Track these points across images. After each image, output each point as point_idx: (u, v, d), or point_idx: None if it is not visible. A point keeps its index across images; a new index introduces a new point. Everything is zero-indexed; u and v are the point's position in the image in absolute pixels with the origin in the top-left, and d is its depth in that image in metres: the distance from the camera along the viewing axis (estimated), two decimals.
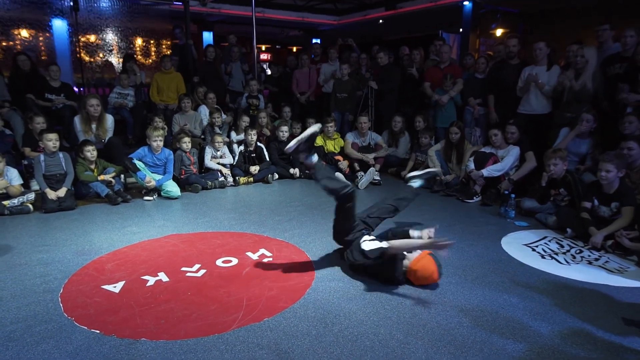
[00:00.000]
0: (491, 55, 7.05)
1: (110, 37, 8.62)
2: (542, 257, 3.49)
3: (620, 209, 3.63)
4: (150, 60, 9.89)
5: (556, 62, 5.59)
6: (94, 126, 5.40)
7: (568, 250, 3.63)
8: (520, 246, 3.71)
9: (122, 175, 5.40)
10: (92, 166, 5.01)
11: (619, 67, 4.85)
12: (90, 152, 4.96)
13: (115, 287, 2.88)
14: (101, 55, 8.74)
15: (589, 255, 3.52)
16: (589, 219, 3.78)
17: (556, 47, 5.77)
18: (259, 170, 5.97)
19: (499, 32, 10.03)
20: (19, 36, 8.32)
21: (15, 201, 4.45)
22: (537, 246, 3.72)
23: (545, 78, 5.23)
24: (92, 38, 8.62)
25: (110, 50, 8.79)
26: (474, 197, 5.04)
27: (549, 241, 3.85)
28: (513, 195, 4.50)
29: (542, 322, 2.50)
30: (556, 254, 3.55)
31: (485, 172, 4.97)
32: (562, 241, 3.85)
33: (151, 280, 2.97)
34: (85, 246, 3.59)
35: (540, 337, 2.35)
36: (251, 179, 5.92)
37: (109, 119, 5.59)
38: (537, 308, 2.66)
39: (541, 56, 5.30)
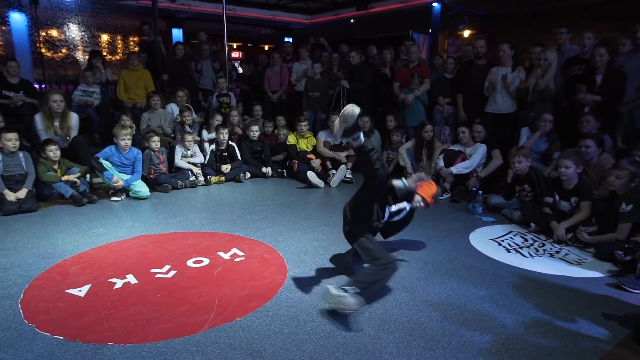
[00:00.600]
0: (460, 55, 7.21)
1: (74, 32, 8.32)
2: (508, 251, 3.60)
3: (579, 204, 3.79)
4: (117, 57, 9.61)
5: (520, 64, 5.78)
6: (56, 124, 5.19)
7: (532, 244, 3.76)
8: (487, 241, 3.81)
9: (88, 176, 5.23)
10: (55, 166, 4.84)
11: (577, 68, 5.07)
12: (53, 151, 4.78)
13: (80, 291, 2.79)
14: (64, 51, 8.43)
15: (551, 248, 3.66)
16: (551, 213, 3.93)
17: (520, 49, 5.96)
18: (230, 169, 5.91)
19: (466, 33, 10.26)
20: None
21: None
22: (502, 240, 3.83)
23: (509, 78, 5.39)
24: (54, 33, 8.30)
25: (74, 46, 8.49)
26: (444, 194, 5.15)
27: (514, 235, 3.97)
28: (480, 192, 4.62)
29: (507, 314, 2.58)
30: (520, 247, 3.67)
31: (454, 169, 5.09)
32: (526, 235, 3.98)
33: (119, 283, 2.90)
34: (48, 249, 3.47)
35: (506, 328, 2.43)
36: (223, 178, 5.86)
37: (73, 117, 5.39)
38: (503, 300, 2.74)
39: (506, 57, 5.47)
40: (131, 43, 9.69)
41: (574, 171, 3.76)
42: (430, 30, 9.78)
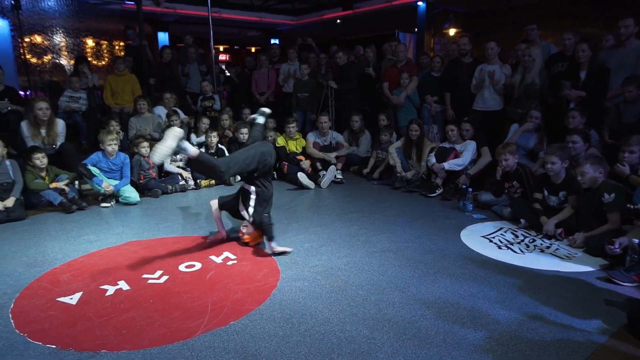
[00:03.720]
0: (447, 53, 7.27)
1: (58, 38, 8.23)
2: (499, 247, 3.63)
3: (567, 198, 3.84)
4: (103, 62, 9.52)
5: (505, 61, 5.85)
6: (43, 131, 5.13)
7: (522, 240, 3.79)
8: (478, 238, 3.84)
9: (77, 182, 5.17)
10: (43, 174, 4.78)
11: (561, 65, 5.14)
12: (40, 159, 4.72)
13: (72, 298, 2.76)
14: (49, 56, 8.32)
15: (541, 244, 3.70)
16: (540, 209, 3.98)
17: (503, 45, 6.02)
18: None
19: (452, 31, 10.34)
20: None
21: None
22: (493, 237, 3.87)
23: (497, 75, 5.44)
24: (39, 39, 8.20)
25: (59, 52, 8.39)
26: (436, 190, 5.18)
27: (505, 232, 4.01)
28: (470, 189, 4.66)
29: (501, 310, 2.60)
30: (511, 244, 3.71)
31: (446, 165, 5.13)
32: (516, 231, 4.02)
33: (111, 290, 2.87)
34: (38, 257, 3.42)
35: (499, 325, 2.45)
36: (213, 181, 5.83)
37: (60, 124, 5.33)
38: (496, 296, 2.77)
39: (493, 55, 5.53)
40: (116, 47, 9.61)
41: (560, 166, 3.81)
42: (416, 29, 9.85)
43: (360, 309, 2.61)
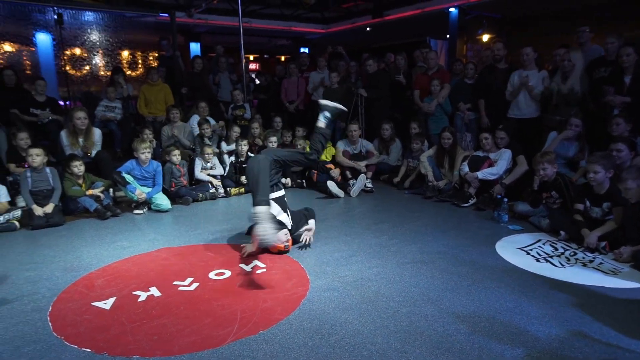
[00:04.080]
0: (480, 60, 7.15)
1: (96, 50, 8.59)
2: (537, 260, 3.51)
3: (611, 209, 3.68)
4: (137, 73, 9.86)
5: (542, 67, 5.70)
6: (81, 140, 5.35)
7: (562, 253, 3.65)
8: (514, 250, 3.73)
9: (111, 190, 5.35)
10: (80, 181, 4.96)
11: (603, 70, 4.96)
12: (77, 167, 4.90)
13: (105, 303, 2.83)
14: (87, 68, 8.70)
15: (583, 257, 3.55)
16: (582, 220, 3.82)
17: (539, 51, 5.88)
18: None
19: (485, 37, 10.18)
20: (2, 50, 8.26)
21: (1, 218, 4.38)
22: (531, 249, 3.74)
23: (534, 82, 5.31)
24: (78, 51, 8.58)
25: (96, 63, 8.76)
26: (469, 200, 5.08)
27: (543, 244, 3.88)
28: (506, 199, 4.53)
29: (540, 326, 2.51)
30: (550, 256, 3.58)
31: (480, 174, 5.02)
32: (556, 244, 3.88)
33: (143, 296, 2.94)
34: (74, 262, 3.54)
35: (538, 342, 2.35)
36: (242, 189, 5.90)
37: (97, 133, 5.55)
38: (534, 312, 2.67)
39: (529, 61, 5.40)
40: (150, 58, 9.94)
41: (604, 176, 3.66)
42: (448, 36, 9.75)
43: (391, 321, 2.56)
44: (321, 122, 3.97)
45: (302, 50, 12.94)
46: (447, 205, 5.15)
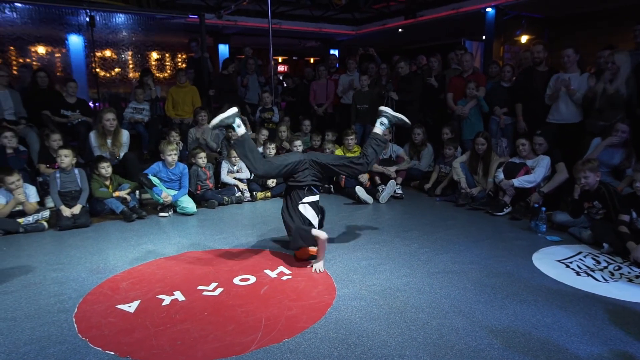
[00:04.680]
0: (519, 62, 7.00)
1: (126, 52, 8.86)
2: (578, 274, 3.39)
3: None
4: (165, 75, 10.10)
5: (585, 69, 5.53)
6: (109, 141, 5.51)
7: (605, 267, 3.52)
8: (553, 262, 3.62)
9: (137, 192, 5.49)
10: (107, 182, 5.12)
11: None
12: (105, 168, 5.06)
13: (130, 306, 2.90)
14: (117, 70, 8.98)
15: (629, 272, 3.41)
16: (628, 232, 3.67)
17: (583, 52, 5.70)
18: (276, 185, 6.00)
19: (524, 38, 9.96)
20: (35, 53, 8.63)
21: (30, 219, 4.56)
22: (571, 262, 3.62)
23: (575, 85, 5.15)
24: (108, 53, 8.87)
25: (126, 65, 9.03)
26: (504, 209, 4.96)
27: (584, 257, 3.74)
28: (544, 209, 4.41)
29: (580, 344, 2.42)
30: (593, 270, 3.45)
31: (516, 182, 4.90)
32: (598, 257, 3.74)
33: (167, 300, 2.99)
34: (100, 264, 3.65)
35: None
36: (269, 193, 5.95)
37: (125, 134, 5.70)
38: (574, 329, 2.58)
39: (570, 63, 5.25)
40: (179, 60, 10.17)
41: None
42: (484, 37, 9.59)
43: (420, 334, 2.52)
44: (378, 129, 3.80)
45: (331, 52, 13.01)
46: (481, 214, 5.05)
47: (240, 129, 3.66)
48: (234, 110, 3.64)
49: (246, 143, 3.65)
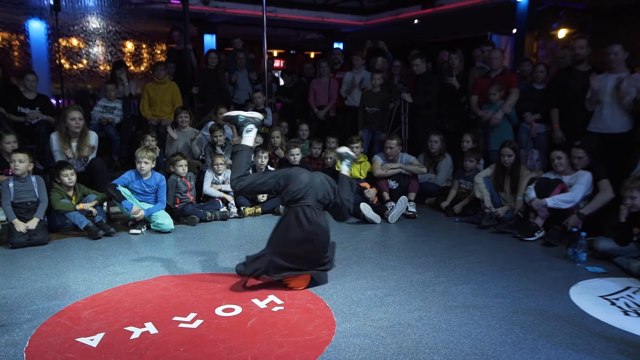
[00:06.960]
0: (556, 60, 7.06)
1: (96, 41, 8.93)
2: (625, 313, 3.39)
3: None
4: (141, 68, 10.16)
5: (634, 69, 5.57)
6: (74, 144, 5.50)
7: None
8: (595, 298, 3.62)
9: (105, 204, 5.50)
10: (70, 193, 5.13)
11: None
12: (68, 176, 5.07)
13: (92, 340, 2.89)
14: (85, 62, 9.04)
15: None
16: None
17: (633, 50, 5.75)
18: (268, 199, 6.01)
19: (561, 33, 10.05)
20: None
21: None
22: (617, 299, 3.62)
23: (624, 87, 5.17)
24: (75, 42, 8.94)
25: (96, 57, 9.09)
26: (535, 234, 4.97)
27: (634, 293, 3.74)
28: (584, 234, 4.42)
29: None
30: None
31: (550, 201, 4.91)
32: None
33: (136, 332, 2.98)
34: (59, 289, 3.64)
35: None
36: (259, 209, 5.96)
37: (92, 137, 5.69)
38: None
39: (617, 62, 5.28)
40: (158, 51, 10.24)
41: None
42: (514, 31, 9.70)
43: None
44: (345, 170, 4.14)
45: (335, 45, 13.13)
46: (508, 238, 5.06)
47: (249, 136, 3.79)
48: (261, 116, 3.88)
49: (247, 153, 3.83)
